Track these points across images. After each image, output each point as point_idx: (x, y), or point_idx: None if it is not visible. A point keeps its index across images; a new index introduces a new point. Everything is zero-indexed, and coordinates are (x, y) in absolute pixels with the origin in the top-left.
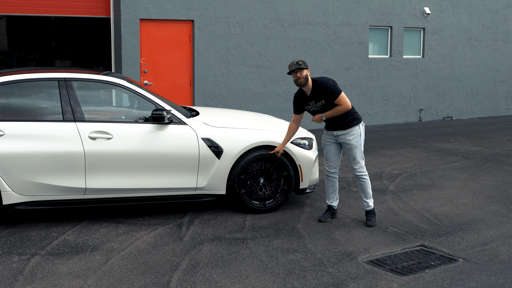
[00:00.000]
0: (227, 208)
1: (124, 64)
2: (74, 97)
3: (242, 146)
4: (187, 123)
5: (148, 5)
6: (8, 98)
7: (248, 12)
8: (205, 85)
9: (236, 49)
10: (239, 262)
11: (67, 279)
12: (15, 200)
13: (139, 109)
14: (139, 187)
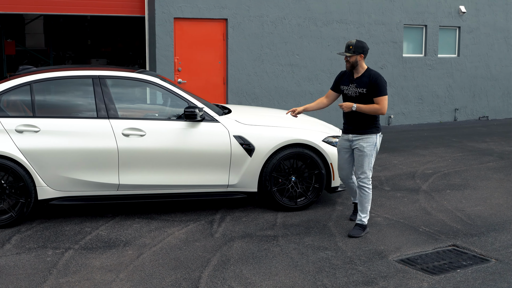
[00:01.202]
0: (258, 205)
1: (158, 63)
2: (108, 95)
3: (274, 144)
4: (219, 121)
5: (182, 4)
6: (44, 95)
7: (281, 10)
8: (239, 83)
9: (270, 48)
10: (270, 259)
11: (100, 273)
12: (50, 195)
13: (172, 106)
14: (171, 184)
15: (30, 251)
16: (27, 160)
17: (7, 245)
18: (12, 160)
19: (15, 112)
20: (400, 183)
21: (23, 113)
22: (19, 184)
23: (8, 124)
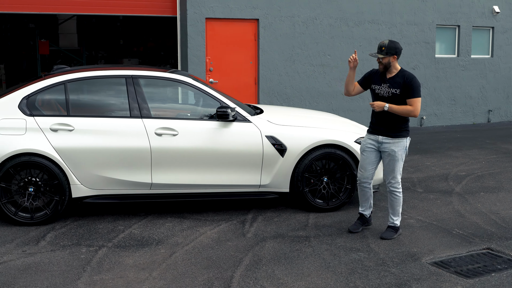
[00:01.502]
0: (290, 206)
1: (190, 63)
2: (141, 94)
3: (306, 144)
4: (251, 121)
5: (214, 4)
6: (77, 94)
7: (313, 11)
8: (270, 83)
9: (301, 48)
10: (302, 260)
11: (133, 271)
12: (84, 193)
13: (204, 106)
14: (204, 183)
15: (64, 248)
16: (61, 159)
17: (42, 242)
18: (47, 159)
19: (50, 111)
20: (433, 185)
21: (57, 112)
22: (53, 182)
23: (43, 123)
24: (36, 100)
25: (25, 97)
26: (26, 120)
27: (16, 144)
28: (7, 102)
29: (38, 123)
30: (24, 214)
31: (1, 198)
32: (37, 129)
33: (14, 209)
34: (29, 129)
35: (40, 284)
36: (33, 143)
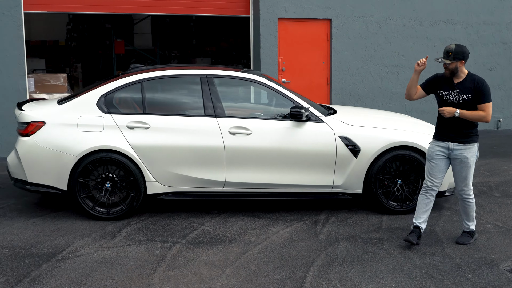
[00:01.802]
0: (363, 207)
1: (262, 62)
2: (215, 93)
3: (380, 145)
4: (325, 121)
5: (287, 4)
6: (153, 93)
7: (386, 10)
8: (342, 84)
9: (374, 48)
10: (375, 262)
11: (206, 267)
12: (159, 190)
13: (277, 106)
14: (276, 183)
15: (139, 243)
16: (137, 156)
17: (118, 236)
18: (123, 155)
19: (126, 109)
20: (511, 189)
21: (133, 110)
22: (129, 178)
23: (120, 121)
24: (113, 98)
25: (103, 95)
26: (104, 118)
27: (95, 140)
28: (86, 100)
29: (115, 121)
30: (101, 209)
31: (80, 193)
32: (114, 127)
33: (92, 204)
34: (107, 126)
35: (117, 277)
36: (110, 140)
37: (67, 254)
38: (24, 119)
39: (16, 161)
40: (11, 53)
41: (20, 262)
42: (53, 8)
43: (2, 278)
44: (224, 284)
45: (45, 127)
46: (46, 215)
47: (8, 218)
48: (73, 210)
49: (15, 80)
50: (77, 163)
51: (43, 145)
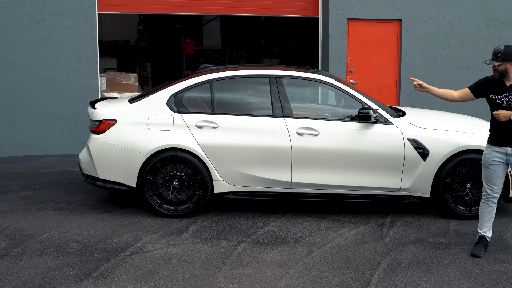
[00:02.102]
0: (430, 211)
1: (331, 63)
2: (283, 94)
3: (450, 149)
4: (393, 123)
5: (356, 5)
6: (222, 93)
7: (458, 11)
8: (411, 85)
9: (445, 50)
10: (442, 267)
11: (271, 267)
12: (225, 189)
13: (345, 107)
14: (343, 184)
15: (205, 241)
16: (205, 155)
17: (184, 234)
18: (192, 154)
19: (195, 108)
20: None
21: (202, 109)
22: (197, 177)
23: (189, 120)
24: (183, 98)
25: (173, 94)
26: (173, 117)
27: (164, 139)
28: (156, 99)
29: (184, 120)
30: (168, 207)
31: (148, 190)
32: (184, 126)
33: (160, 201)
34: (176, 125)
35: (182, 274)
36: (179, 138)
37: (134, 249)
38: (97, 117)
39: (88, 158)
40: (85, 53)
41: (90, 256)
42: (126, 9)
43: (73, 271)
44: (288, 284)
45: (117, 125)
46: (115, 211)
47: (79, 213)
48: (141, 207)
49: (88, 79)
50: (147, 161)
51: (114, 143)
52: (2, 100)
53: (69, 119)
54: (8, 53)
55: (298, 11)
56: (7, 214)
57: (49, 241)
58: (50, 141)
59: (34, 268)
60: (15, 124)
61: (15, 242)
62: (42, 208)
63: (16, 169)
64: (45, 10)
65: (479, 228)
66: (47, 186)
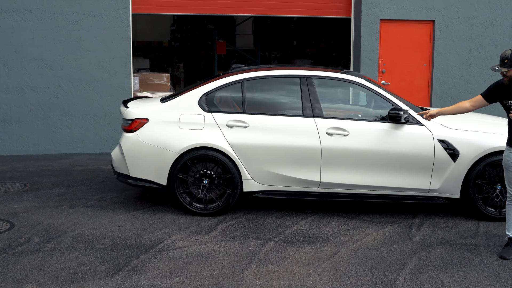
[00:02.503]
0: (459, 213)
1: (362, 64)
2: (314, 94)
3: (480, 150)
4: (424, 124)
5: (389, 5)
6: (253, 93)
7: (493, 11)
8: (444, 86)
9: (478, 51)
10: (469, 268)
11: (298, 266)
12: (254, 188)
13: (375, 107)
14: (372, 185)
15: (234, 239)
16: (235, 154)
17: (213, 232)
18: (222, 153)
19: (226, 108)
20: None
21: (233, 109)
22: (226, 176)
23: (220, 119)
24: (214, 97)
25: (204, 94)
26: (204, 116)
27: (195, 138)
28: (188, 98)
29: (215, 119)
30: (198, 205)
31: (178, 188)
32: (214, 125)
33: (189, 200)
34: (207, 125)
35: (210, 271)
36: (210, 138)
37: (164, 246)
38: (129, 116)
39: (120, 156)
40: (118, 53)
41: (120, 252)
42: (159, 10)
43: (103, 266)
44: (315, 282)
45: (148, 124)
46: (146, 208)
47: (110, 210)
48: (171, 205)
49: (121, 79)
50: (177, 159)
51: (146, 141)
52: (37, 99)
53: (102, 118)
54: (43, 53)
55: (331, 11)
56: (41, 210)
57: (81, 237)
58: (83, 140)
59: (66, 263)
60: (50, 122)
61: (48, 237)
62: (74, 205)
63: (49, 167)
64: (80, 11)
65: (507, 230)
66: (79, 183)
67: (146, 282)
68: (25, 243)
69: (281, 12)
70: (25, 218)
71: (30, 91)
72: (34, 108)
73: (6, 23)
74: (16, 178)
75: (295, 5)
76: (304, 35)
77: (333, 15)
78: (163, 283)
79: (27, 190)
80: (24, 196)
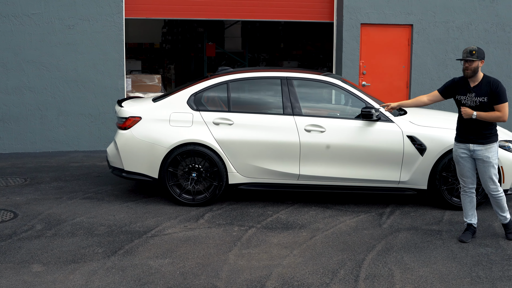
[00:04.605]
0: (427, 203)
1: (344, 66)
2: (294, 94)
3: (445, 145)
4: (394, 121)
5: (369, 10)
6: (237, 93)
7: (468, 16)
8: (421, 87)
9: (454, 53)
10: (431, 250)
11: (277, 248)
12: (239, 180)
13: (351, 106)
14: (347, 177)
15: (219, 226)
16: (221, 149)
17: (200, 220)
18: (209, 148)
19: (213, 106)
20: None
21: (219, 108)
22: (213, 169)
23: (207, 117)
24: (202, 97)
25: (193, 94)
26: (193, 114)
27: (184, 134)
28: (178, 98)
29: (203, 117)
30: (187, 196)
31: (169, 181)
32: (202, 122)
33: (179, 191)
34: (195, 122)
35: (197, 253)
36: (198, 134)
37: (155, 232)
38: (123, 114)
39: (115, 152)
40: (112, 55)
41: (116, 237)
42: (152, 14)
43: (101, 249)
44: (291, 262)
45: (141, 122)
46: (139, 200)
47: (106, 202)
48: (162, 196)
49: (114, 80)
50: (168, 154)
51: (139, 138)
52: (35, 99)
53: (96, 117)
54: (41, 56)
55: (314, 16)
56: (41, 202)
57: (80, 224)
58: (78, 138)
59: (67, 246)
60: (46, 121)
61: (49, 225)
62: (72, 197)
63: (47, 163)
64: (76, 16)
65: (465, 217)
66: (76, 178)
67: (139, 262)
68: (29, 230)
69: (268, 17)
70: (27, 208)
71: (28, 91)
72: (31, 108)
73: (6, 27)
74: (16, 173)
75: (281, 10)
76: (291, 38)
77: (317, 20)
78: (155, 263)
79: (28, 184)
80: (25, 190)
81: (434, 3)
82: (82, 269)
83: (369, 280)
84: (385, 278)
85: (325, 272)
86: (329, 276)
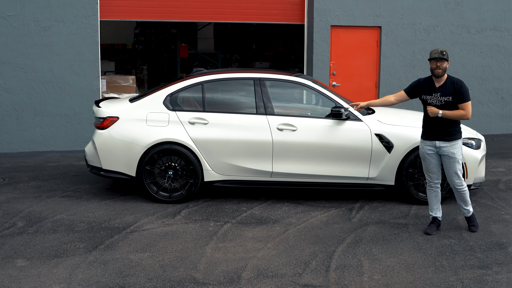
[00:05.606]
0: (395, 198)
1: (315, 67)
2: (266, 94)
3: (411, 142)
4: (362, 120)
5: (339, 13)
6: (212, 93)
7: (434, 18)
8: (390, 87)
9: (421, 54)
10: (398, 242)
11: (251, 242)
12: (214, 178)
13: (321, 106)
14: (318, 174)
15: (196, 222)
16: (197, 148)
17: (177, 216)
18: (185, 147)
19: (188, 107)
20: None
21: (194, 108)
22: (189, 167)
23: (183, 117)
24: (178, 98)
25: (168, 94)
26: (169, 114)
27: (160, 134)
28: (154, 99)
29: (178, 117)
30: (164, 193)
31: (146, 179)
32: (178, 122)
33: (156, 189)
34: (171, 122)
35: (176, 247)
36: (174, 133)
37: (134, 228)
38: (101, 114)
39: (93, 151)
40: (87, 57)
41: (96, 233)
42: (126, 16)
43: (82, 244)
44: (265, 254)
45: (119, 122)
46: (117, 198)
47: (84, 200)
48: (140, 194)
49: (90, 81)
50: (145, 153)
51: (117, 137)
52: (11, 100)
53: (72, 118)
54: (17, 57)
55: (286, 18)
56: (21, 200)
57: (60, 221)
58: (54, 138)
59: (48, 242)
60: (23, 122)
61: (31, 222)
62: (51, 195)
63: (24, 163)
64: (51, 18)
65: (430, 211)
66: (54, 177)
67: (120, 256)
68: (11, 227)
69: (240, 19)
70: (7, 207)
71: (4, 92)
72: (8, 109)
73: None
74: None
75: (253, 12)
76: (263, 39)
77: (288, 22)
78: (135, 256)
79: (6, 184)
80: (4, 189)
81: (402, 6)
82: (65, 263)
83: (339, 270)
84: (354, 268)
85: (298, 264)
86: (301, 267)
